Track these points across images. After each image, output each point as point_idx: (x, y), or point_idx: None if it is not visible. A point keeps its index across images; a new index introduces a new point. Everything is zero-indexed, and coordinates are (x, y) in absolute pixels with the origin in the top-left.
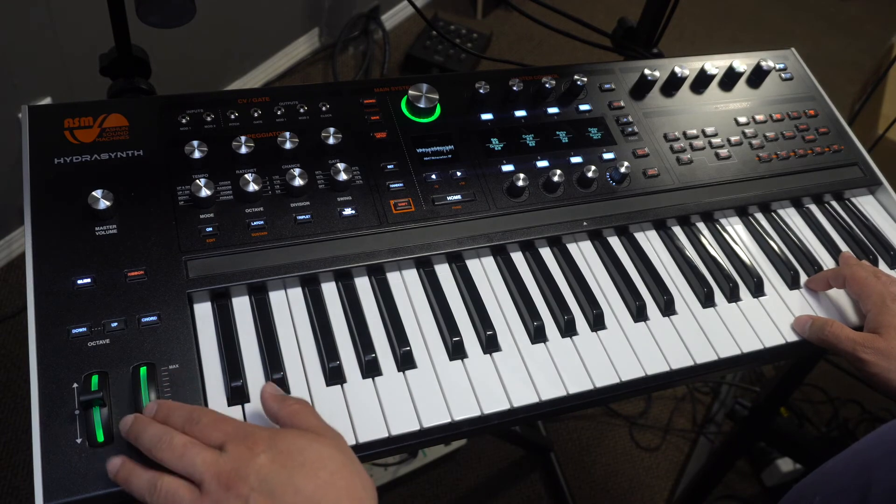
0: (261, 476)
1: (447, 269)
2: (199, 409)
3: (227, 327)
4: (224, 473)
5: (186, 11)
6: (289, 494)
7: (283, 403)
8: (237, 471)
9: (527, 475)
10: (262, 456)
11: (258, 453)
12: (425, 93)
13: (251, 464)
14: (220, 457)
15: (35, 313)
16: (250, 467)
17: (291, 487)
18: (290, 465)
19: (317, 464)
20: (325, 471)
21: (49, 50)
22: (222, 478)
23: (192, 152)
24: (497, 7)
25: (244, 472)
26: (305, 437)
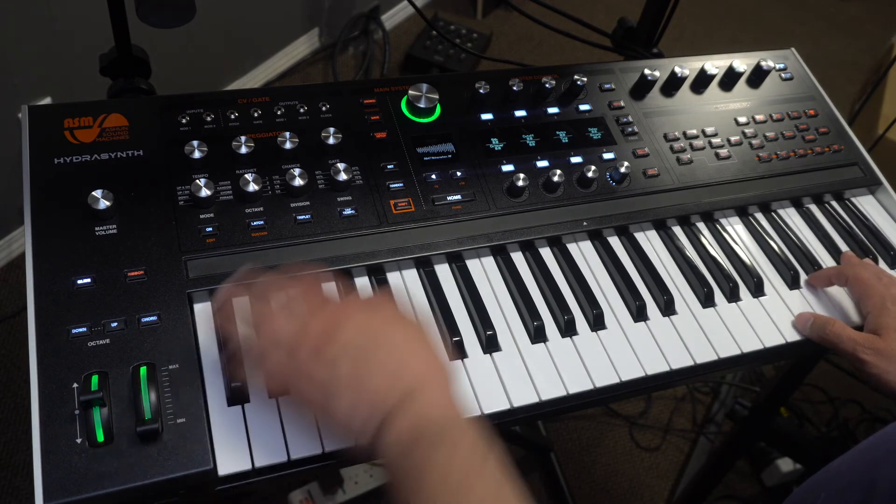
0: (348, 343)
1: (447, 269)
2: (294, 278)
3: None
4: (315, 337)
5: (186, 11)
6: (373, 363)
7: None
8: (323, 338)
9: (527, 475)
10: (351, 326)
11: (347, 323)
12: (425, 93)
13: (341, 332)
14: (312, 321)
15: (35, 313)
16: (340, 335)
17: (375, 357)
18: (375, 339)
19: (399, 338)
20: (405, 345)
21: (49, 50)
22: (312, 341)
23: (192, 152)
24: (497, 7)
25: (334, 337)
26: (390, 315)
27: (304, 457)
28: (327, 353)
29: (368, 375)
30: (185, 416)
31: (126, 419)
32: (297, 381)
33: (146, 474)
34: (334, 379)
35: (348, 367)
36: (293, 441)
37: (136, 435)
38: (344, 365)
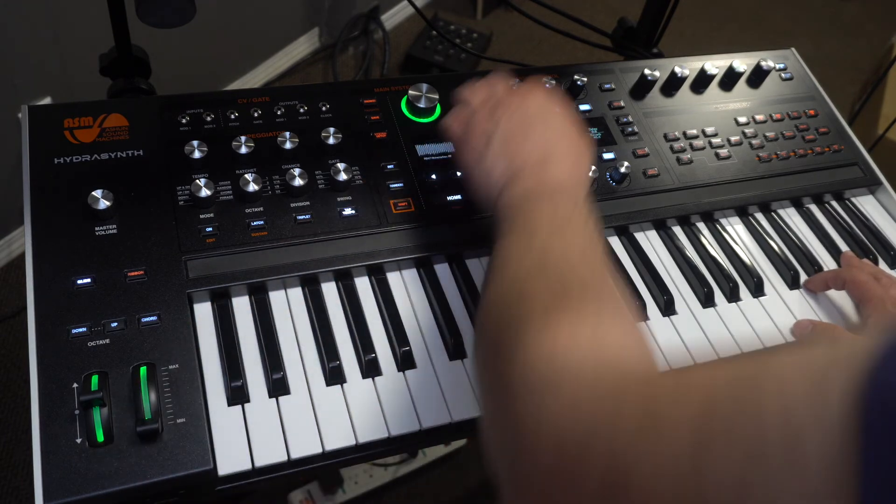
0: (516, 111)
1: (447, 269)
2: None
3: (227, 327)
4: (491, 103)
5: (186, 11)
6: (530, 131)
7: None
8: (503, 103)
9: None
10: (524, 102)
11: (523, 99)
12: (425, 93)
13: (512, 104)
14: (500, 93)
15: (35, 313)
16: (512, 106)
17: (534, 128)
18: (526, 112)
19: (557, 123)
20: (561, 129)
21: (49, 50)
22: (490, 105)
23: (192, 152)
24: (497, 7)
25: (503, 109)
26: (560, 107)
27: (304, 457)
28: (498, 114)
29: (522, 137)
30: (185, 416)
31: (126, 419)
32: (471, 128)
33: (146, 474)
34: (497, 133)
35: (509, 127)
36: (293, 441)
37: (136, 435)
38: (507, 125)
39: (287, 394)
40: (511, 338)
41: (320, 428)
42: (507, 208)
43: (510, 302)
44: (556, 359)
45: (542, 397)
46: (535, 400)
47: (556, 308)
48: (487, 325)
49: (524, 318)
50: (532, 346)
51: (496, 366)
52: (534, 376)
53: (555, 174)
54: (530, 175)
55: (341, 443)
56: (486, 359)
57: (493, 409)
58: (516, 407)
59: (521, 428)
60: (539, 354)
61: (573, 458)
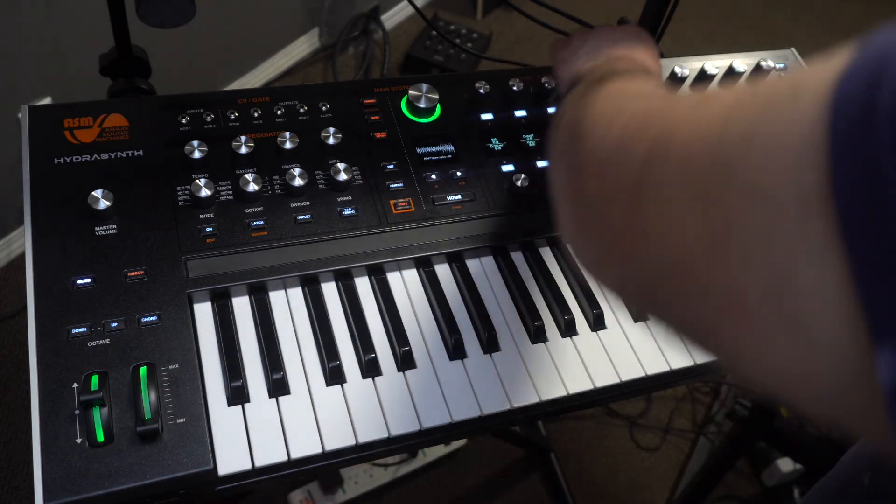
0: (603, 30)
1: (447, 269)
2: None
3: (227, 327)
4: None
5: (186, 11)
6: (612, 40)
7: None
8: (596, 29)
9: (527, 475)
10: (608, 28)
11: (607, 28)
12: (425, 93)
13: (602, 28)
14: None
15: (35, 313)
16: (601, 29)
17: (614, 39)
18: (619, 32)
19: (633, 35)
20: (637, 38)
21: (49, 50)
22: (585, 31)
23: (192, 152)
24: (497, 7)
25: (598, 29)
26: (632, 28)
27: (304, 457)
28: (590, 33)
29: (610, 45)
30: (185, 416)
31: (126, 419)
32: (563, 40)
33: (146, 474)
34: (584, 42)
35: (596, 37)
36: (293, 441)
37: (136, 435)
38: (595, 34)
39: (287, 394)
40: (581, 115)
41: (320, 428)
42: (587, 72)
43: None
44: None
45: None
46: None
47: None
48: (562, 131)
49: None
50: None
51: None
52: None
53: (634, 58)
54: (611, 59)
55: (341, 443)
56: (564, 142)
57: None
58: (585, 142)
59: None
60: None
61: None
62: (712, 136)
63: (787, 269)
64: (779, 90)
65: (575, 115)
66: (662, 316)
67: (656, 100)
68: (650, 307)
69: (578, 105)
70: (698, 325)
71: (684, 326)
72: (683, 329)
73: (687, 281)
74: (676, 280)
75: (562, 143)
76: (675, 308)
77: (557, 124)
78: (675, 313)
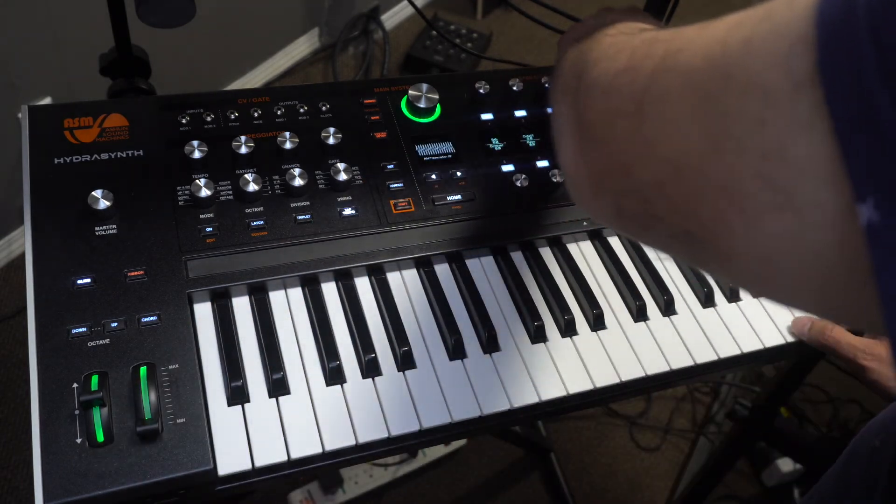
0: None
1: (447, 269)
2: None
3: (227, 327)
4: None
5: (186, 11)
6: None
7: None
8: None
9: (527, 475)
10: None
11: None
12: (425, 93)
13: None
14: None
15: (35, 313)
16: None
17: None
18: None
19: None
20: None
21: (49, 50)
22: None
23: (192, 152)
24: (497, 7)
25: None
26: None
27: (304, 457)
28: (595, 15)
29: (612, 17)
30: (185, 416)
31: (126, 419)
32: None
33: (146, 474)
34: (591, 18)
35: (602, 14)
36: (293, 441)
37: (136, 435)
38: (602, 13)
39: (287, 394)
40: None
41: (320, 428)
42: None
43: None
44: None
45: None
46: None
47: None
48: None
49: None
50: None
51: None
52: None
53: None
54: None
55: (341, 443)
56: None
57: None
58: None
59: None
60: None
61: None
62: (714, 48)
63: (778, 147)
64: (776, 3)
65: (580, 51)
66: (657, 231)
67: (661, 31)
68: (646, 224)
69: (583, 45)
70: (700, 232)
71: (679, 235)
72: (678, 240)
73: (686, 180)
74: (677, 182)
75: (566, 77)
76: (675, 219)
77: (559, 64)
78: (671, 222)
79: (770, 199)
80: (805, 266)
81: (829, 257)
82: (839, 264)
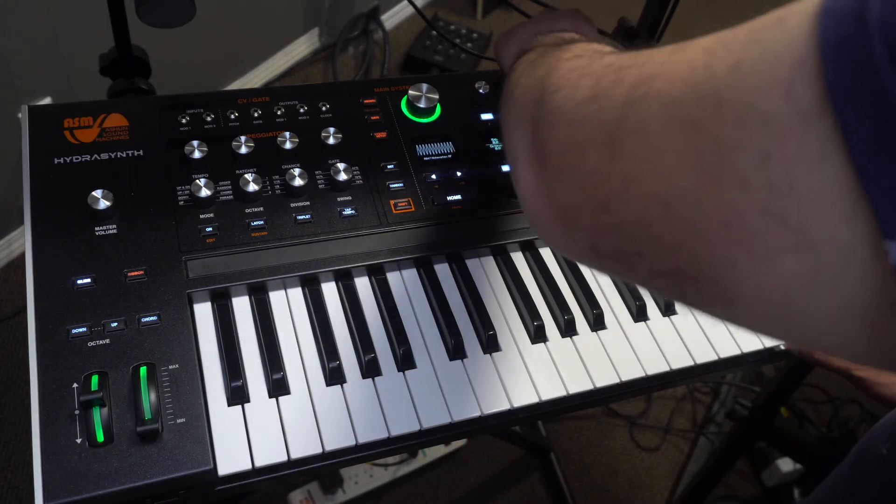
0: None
1: (447, 269)
2: None
3: (227, 327)
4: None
5: (186, 11)
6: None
7: None
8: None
9: (527, 475)
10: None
11: None
12: (425, 93)
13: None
14: None
15: (35, 313)
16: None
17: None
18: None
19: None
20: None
21: (49, 50)
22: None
23: (192, 152)
24: (497, 7)
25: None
26: None
27: (304, 457)
28: (529, 20)
29: (550, 23)
30: (185, 416)
31: (126, 419)
32: (511, 30)
33: (146, 474)
34: (528, 24)
35: (538, 19)
36: (293, 441)
37: (136, 435)
38: (537, 18)
39: (287, 394)
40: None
41: (320, 428)
42: (536, 45)
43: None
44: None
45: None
46: (559, 96)
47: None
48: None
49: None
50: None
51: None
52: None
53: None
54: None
55: (341, 443)
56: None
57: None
58: (543, 108)
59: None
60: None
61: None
62: (696, 72)
63: (787, 182)
64: (763, 23)
65: (534, 75)
66: (640, 269)
67: (625, 55)
68: (627, 262)
69: (538, 66)
70: (692, 269)
71: (667, 272)
72: (664, 277)
73: (679, 216)
74: (667, 218)
75: (521, 104)
76: (662, 256)
77: (510, 90)
78: (657, 259)
79: (782, 239)
80: (825, 307)
81: (855, 297)
82: (867, 304)
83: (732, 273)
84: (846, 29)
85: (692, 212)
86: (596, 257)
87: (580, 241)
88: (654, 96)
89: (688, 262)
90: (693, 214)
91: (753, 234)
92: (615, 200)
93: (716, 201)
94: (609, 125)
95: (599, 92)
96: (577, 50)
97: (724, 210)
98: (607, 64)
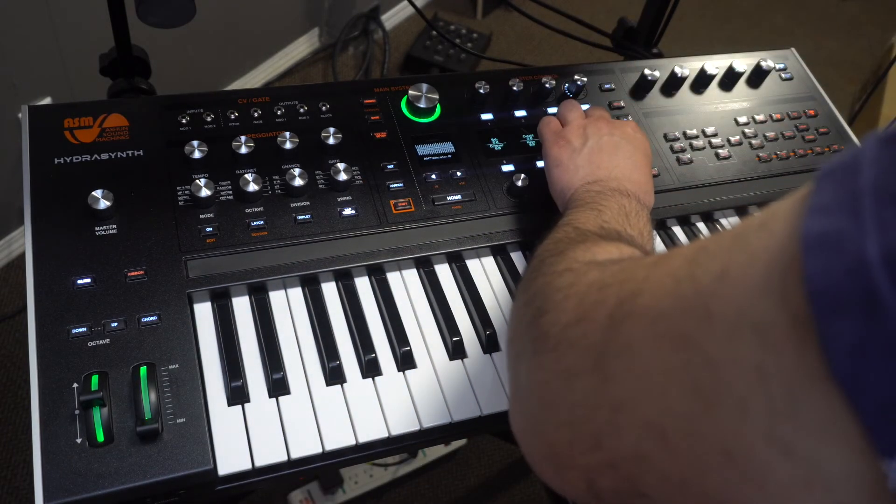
0: (602, 134)
1: (447, 269)
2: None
3: (227, 327)
4: (584, 125)
5: (186, 11)
6: (612, 153)
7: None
8: (594, 126)
9: (527, 475)
10: (613, 129)
11: (612, 126)
12: (425, 93)
13: (604, 128)
14: (588, 120)
15: (35, 313)
16: (604, 129)
17: (621, 152)
18: (617, 138)
19: (630, 145)
20: (638, 159)
21: (49, 50)
22: (582, 122)
23: (192, 152)
24: (497, 7)
25: (596, 128)
26: (629, 133)
27: (304, 457)
28: (587, 132)
29: (609, 155)
30: (185, 416)
31: (126, 419)
32: (564, 135)
33: (146, 474)
34: (582, 147)
35: (599, 144)
36: (293, 441)
37: (136, 435)
38: (597, 142)
39: (287, 394)
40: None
41: (320, 428)
42: (582, 196)
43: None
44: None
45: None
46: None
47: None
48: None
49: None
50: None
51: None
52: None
53: (629, 188)
54: (608, 181)
55: (341, 443)
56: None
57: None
58: (544, 317)
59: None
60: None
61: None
62: (680, 284)
63: (788, 403)
64: (746, 228)
65: (531, 290)
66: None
67: (608, 269)
68: (635, 500)
69: (540, 272)
70: (698, 500)
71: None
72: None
73: (677, 449)
74: (664, 451)
75: (516, 324)
76: (671, 497)
77: (533, 273)
78: (667, 495)
79: (791, 473)
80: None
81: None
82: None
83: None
84: (832, 225)
85: (691, 441)
86: (597, 499)
87: (575, 481)
88: (639, 313)
89: (699, 499)
90: (692, 444)
91: (760, 467)
92: (607, 434)
93: (714, 424)
94: (595, 349)
95: (582, 314)
96: (573, 256)
97: (723, 437)
98: (590, 282)
